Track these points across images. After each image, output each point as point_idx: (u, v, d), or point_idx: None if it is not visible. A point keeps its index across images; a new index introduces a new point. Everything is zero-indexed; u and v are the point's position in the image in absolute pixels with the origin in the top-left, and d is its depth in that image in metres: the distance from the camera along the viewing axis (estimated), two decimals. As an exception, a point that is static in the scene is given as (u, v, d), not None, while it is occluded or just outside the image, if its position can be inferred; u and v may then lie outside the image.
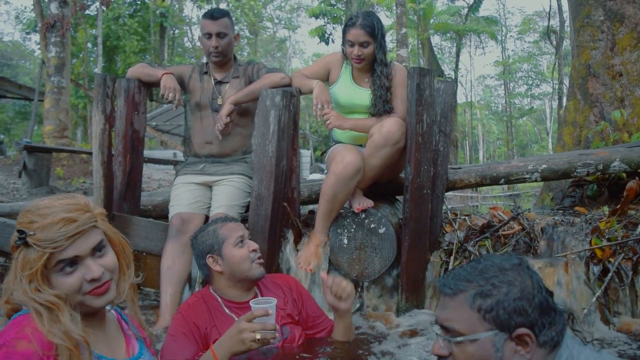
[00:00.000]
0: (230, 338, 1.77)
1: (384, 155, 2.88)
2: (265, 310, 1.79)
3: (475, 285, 1.13)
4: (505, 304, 1.09)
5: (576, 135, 4.31)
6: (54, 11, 10.59)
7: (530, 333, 1.08)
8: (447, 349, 1.15)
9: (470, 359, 1.10)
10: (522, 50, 40.16)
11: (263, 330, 1.75)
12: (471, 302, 1.12)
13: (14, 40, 39.06)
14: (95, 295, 1.32)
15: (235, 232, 2.20)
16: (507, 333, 1.09)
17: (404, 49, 12.67)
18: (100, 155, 3.31)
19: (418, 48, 24.36)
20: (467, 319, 1.11)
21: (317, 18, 22.59)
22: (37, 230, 1.25)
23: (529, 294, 1.10)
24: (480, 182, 3.30)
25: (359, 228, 2.96)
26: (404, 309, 2.92)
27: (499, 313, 1.09)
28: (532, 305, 1.09)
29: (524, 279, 1.12)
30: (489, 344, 1.09)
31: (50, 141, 10.25)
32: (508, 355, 1.08)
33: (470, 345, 1.10)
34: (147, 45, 21.71)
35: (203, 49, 3.24)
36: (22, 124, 29.33)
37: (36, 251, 1.25)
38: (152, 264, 3.27)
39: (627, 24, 4.09)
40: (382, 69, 3.02)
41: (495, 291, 1.11)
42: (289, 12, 38.60)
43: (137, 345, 1.48)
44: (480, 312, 1.10)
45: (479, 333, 1.09)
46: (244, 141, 3.26)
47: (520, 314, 1.08)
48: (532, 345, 1.08)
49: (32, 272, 1.24)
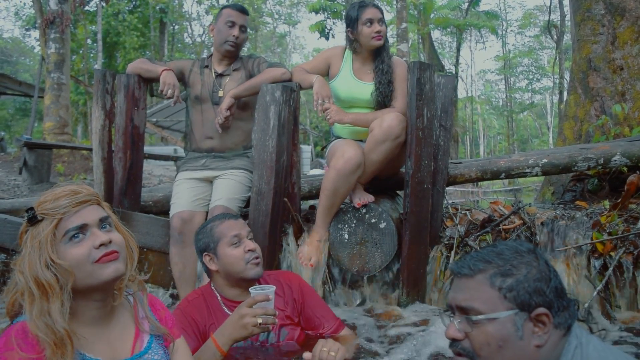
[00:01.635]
0: (232, 324, 1.78)
1: (384, 150, 2.88)
2: (265, 295, 1.80)
3: (495, 266, 1.14)
4: (526, 284, 1.10)
5: (577, 129, 4.30)
6: (53, 7, 10.56)
7: (548, 313, 1.09)
8: (463, 332, 1.14)
9: (490, 340, 1.10)
10: (523, 44, 40.04)
11: (264, 315, 1.76)
12: (492, 281, 1.12)
13: (14, 36, 39.03)
14: (105, 263, 1.32)
15: (231, 231, 2.13)
16: (526, 313, 1.09)
17: (404, 43, 12.63)
18: (100, 151, 3.31)
19: (418, 43, 24.31)
20: (487, 298, 1.11)
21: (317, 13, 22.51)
22: (46, 203, 1.29)
23: (546, 276, 1.12)
24: (481, 176, 3.29)
25: (360, 223, 2.96)
26: (405, 303, 2.92)
27: (520, 292, 1.10)
28: (549, 287, 1.11)
29: (540, 262, 1.14)
30: (509, 323, 1.09)
31: (50, 138, 10.24)
32: (527, 335, 1.09)
33: (490, 324, 1.10)
34: (147, 41, 21.68)
35: (218, 35, 3.19)
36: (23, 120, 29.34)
37: (45, 221, 1.28)
38: (153, 260, 3.28)
39: (627, 18, 4.08)
40: (387, 57, 3.05)
41: (515, 271, 1.12)
42: (289, 7, 38.50)
43: (146, 339, 1.45)
44: (501, 291, 1.11)
45: (500, 312, 1.09)
46: (245, 135, 3.25)
47: (540, 295, 1.10)
48: (549, 326, 1.09)
49: (41, 239, 1.26)
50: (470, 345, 1.13)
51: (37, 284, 1.24)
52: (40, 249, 1.25)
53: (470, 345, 1.13)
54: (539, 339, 1.09)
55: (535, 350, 1.08)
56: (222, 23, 3.19)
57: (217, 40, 3.21)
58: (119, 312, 1.43)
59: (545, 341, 1.09)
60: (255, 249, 2.14)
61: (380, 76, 3.03)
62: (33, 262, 1.24)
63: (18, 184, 7.49)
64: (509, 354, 1.08)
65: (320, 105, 2.94)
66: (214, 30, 3.24)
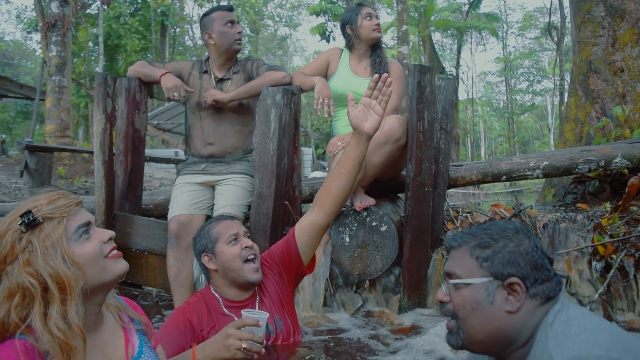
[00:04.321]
0: (216, 343, 1.72)
1: (385, 153, 2.88)
2: (255, 320, 1.74)
3: (478, 238, 1.26)
4: (500, 255, 1.22)
5: (578, 131, 4.30)
6: (54, 10, 10.59)
7: (520, 282, 1.19)
8: (448, 295, 1.27)
9: (465, 302, 1.23)
10: (523, 46, 40.05)
11: (250, 340, 1.69)
12: (471, 251, 1.25)
13: (15, 39, 39.12)
14: (115, 258, 1.33)
15: (229, 230, 2.16)
16: (499, 281, 1.20)
17: (405, 46, 12.64)
18: (101, 154, 3.31)
19: (419, 45, 24.32)
20: (466, 266, 1.25)
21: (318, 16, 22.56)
22: (42, 206, 1.25)
23: (524, 250, 1.22)
24: (481, 179, 3.29)
25: (361, 226, 2.96)
26: (406, 306, 2.92)
27: (494, 262, 1.22)
28: (525, 260, 1.21)
29: (521, 238, 1.24)
30: (482, 289, 1.21)
31: (51, 140, 10.26)
32: (499, 301, 1.20)
33: (466, 289, 1.23)
34: (149, 44, 21.72)
35: (223, 39, 3.15)
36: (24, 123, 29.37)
37: (51, 223, 1.24)
38: (154, 263, 3.28)
39: (628, 20, 4.08)
40: (383, 54, 3.22)
41: (493, 243, 1.24)
42: (290, 9, 38.54)
43: (137, 342, 1.43)
44: (477, 260, 1.24)
45: (475, 278, 1.22)
46: (245, 139, 3.25)
47: (513, 266, 1.20)
48: (521, 295, 1.19)
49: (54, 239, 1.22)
50: (452, 307, 1.26)
51: (58, 282, 1.20)
52: (56, 248, 1.22)
53: (452, 307, 1.26)
54: (510, 306, 1.19)
55: (507, 315, 1.19)
56: (220, 26, 3.15)
57: (224, 44, 3.16)
58: (106, 318, 1.41)
59: (518, 308, 1.19)
60: (252, 246, 2.16)
61: (378, 68, 3.13)
62: (51, 261, 1.21)
63: (19, 187, 7.50)
64: (481, 316, 1.21)
65: (321, 104, 2.96)
66: (215, 36, 3.15)
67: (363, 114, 2.07)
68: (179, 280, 2.97)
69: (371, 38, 3.18)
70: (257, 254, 2.17)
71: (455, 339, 1.27)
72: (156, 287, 3.38)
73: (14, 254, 1.21)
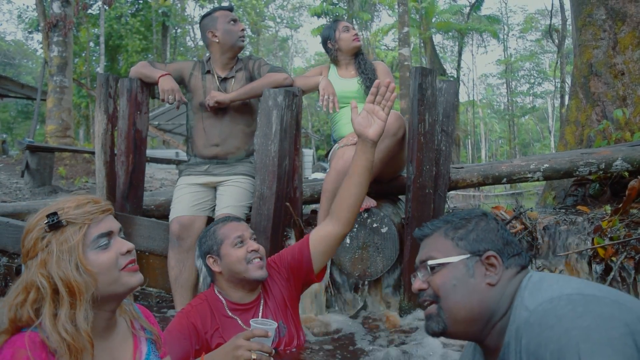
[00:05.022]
0: (225, 353, 1.73)
1: (384, 148, 2.88)
2: (265, 331, 1.75)
3: (450, 222, 1.33)
4: (474, 233, 1.29)
5: (578, 134, 4.31)
6: (56, 10, 10.60)
7: (497, 255, 1.25)
8: (426, 282, 1.31)
9: (446, 280, 1.26)
10: (524, 48, 40.12)
11: (259, 351, 1.70)
12: (446, 233, 1.31)
13: (17, 39, 39.17)
14: (130, 272, 1.34)
15: (234, 232, 2.14)
16: (477, 256, 1.26)
17: (406, 47, 12.66)
18: (102, 155, 3.32)
19: (420, 47, 24.34)
20: (442, 248, 1.30)
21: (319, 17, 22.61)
22: (69, 209, 1.28)
23: (494, 228, 1.30)
24: (482, 181, 3.29)
25: (362, 227, 2.96)
26: (406, 308, 2.92)
27: (470, 240, 1.28)
28: (497, 236, 1.28)
29: (489, 220, 1.33)
30: (461, 265, 1.26)
31: (52, 141, 10.26)
32: (479, 275, 1.24)
33: (445, 268, 1.27)
34: (150, 45, 21.73)
35: (228, 36, 3.18)
36: (25, 123, 29.40)
37: (72, 227, 1.27)
38: (155, 264, 3.29)
39: (629, 23, 4.08)
40: (365, 57, 3.42)
41: (465, 223, 1.31)
42: (291, 11, 38.58)
43: (145, 349, 1.44)
44: (453, 240, 1.29)
45: (453, 256, 1.27)
46: (247, 139, 3.26)
47: (487, 242, 1.27)
48: (499, 267, 1.24)
49: (72, 244, 1.25)
50: (432, 290, 1.28)
51: (69, 287, 1.22)
52: (71, 254, 1.25)
53: (432, 290, 1.28)
54: (490, 278, 1.23)
55: (487, 288, 1.23)
56: (224, 24, 3.19)
57: (228, 41, 3.19)
58: (118, 323, 1.42)
59: (497, 280, 1.23)
60: (258, 249, 2.14)
61: (362, 67, 3.31)
62: (64, 266, 1.23)
63: (20, 187, 7.50)
64: (462, 291, 1.23)
65: (326, 101, 2.98)
66: (219, 34, 3.17)
67: (366, 120, 2.10)
68: (179, 281, 2.98)
69: (352, 47, 3.36)
70: (263, 256, 2.16)
71: (436, 322, 1.28)
72: (157, 288, 3.39)
73: (35, 251, 1.26)
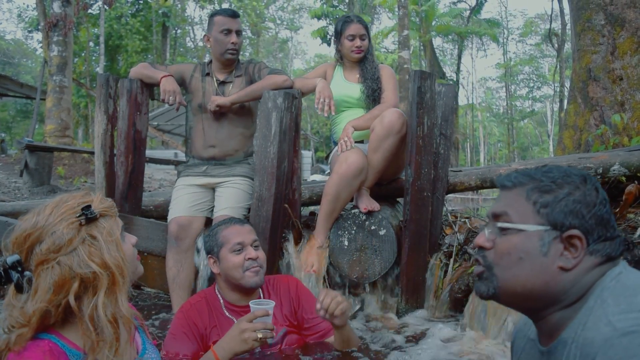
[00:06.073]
0: (232, 338, 1.81)
1: (388, 147, 2.90)
2: (265, 310, 1.85)
3: (537, 181, 1.09)
4: (563, 203, 1.05)
5: (576, 138, 4.32)
6: (56, 10, 10.61)
7: (582, 236, 1.03)
8: (491, 241, 1.11)
9: (512, 250, 1.07)
10: (524, 52, 40.16)
11: (264, 329, 1.80)
12: (528, 194, 1.08)
13: (16, 38, 39.17)
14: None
15: (235, 238, 2.14)
16: (558, 232, 1.04)
17: (406, 50, 12.68)
18: (102, 155, 3.33)
19: (420, 50, 24.37)
20: (520, 210, 1.08)
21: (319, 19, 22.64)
22: (96, 203, 1.32)
23: (590, 201, 1.05)
24: (480, 184, 3.30)
25: (360, 230, 2.97)
26: (404, 310, 2.93)
27: (555, 210, 1.05)
28: (591, 212, 1.04)
29: (589, 187, 1.07)
30: (536, 238, 1.05)
31: (51, 140, 10.26)
32: (553, 254, 1.04)
33: (516, 235, 1.07)
34: (150, 45, 21.75)
35: (217, 46, 3.17)
36: (24, 122, 29.39)
37: (107, 219, 1.32)
38: (154, 264, 3.29)
39: (627, 29, 4.10)
40: (372, 62, 3.31)
41: (556, 189, 1.07)
42: (291, 13, 38.65)
43: (139, 338, 1.47)
44: (535, 205, 1.07)
45: (529, 225, 1.06)
46: (246, 141, 3.27)
47: (577, 217, 1.03)
48: (580, 251, 1.03)
49: (116, 237, 1.31)
50: (493, 254, 1.10)
51: (122, 274, 1.28)
52: (116, 244, 1.30)
53: (493, 254, 1.10)
54: (565, 262, 1.03)
55: (558, 272, 1.03)
56: (217, 32, 3.16)
57: (217, 50, 3.19)
58: None
59: (574, 265, 1.03)
60: (257, 257, 2.13)
61: (366, 74, 3.25)
62: (114, 255, 1.28)
63: (19, 186, 7.50)
64: (528, 267, 1.05)
65: (321, 104, 2.99)
66: (211, 40, 3.20)
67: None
68: (177, 282, 2.98)
69: (351, 58, 3.30)
70: (261, 265, 2.15)
71: (486, 286, 1.11)
72: (155, 288, 3.39)
73: (73, 245, 1.25)
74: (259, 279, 2.13)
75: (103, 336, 1.23)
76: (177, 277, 2.98)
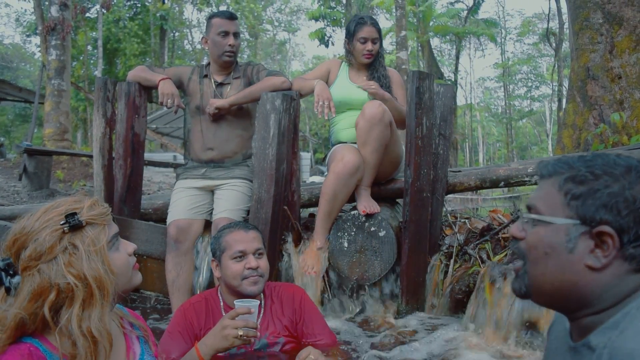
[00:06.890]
0: (214, 335, 1.82)
1: (375, 137, 2.88)
2: (247, 308, 1.84)
3: (574, 170, 1.00)
4: (597, 195, 0.94)
5: (575, 137, 4.32)
6: (54, 14, 10.61)
7: (614, 234, 0.92)
8: (524, 231, 1.05)
9: (539, 243, 1.00)
10: (522, 52, 40.18)
11: (245, 327, 1.80)
12: (561, 184, 1.00)
13: (15, 42, 39.16)
14: (136, 271, 1.38)
15: (237, 245, 2.10)
16: (587, 227, 0.95)
17: (404, 51, 12.68)
18: (101, 158, 3.32)
19: (418, 50, 24.38)
20: (551, 201, 1.01)
21: (317, 21, 22.64)
22: (83, 210, 1.25)
23: (630, 196, 0.92)
24: (480, 185, 3.30)
25: (359, 231, 2.96)
26: (404, 312, 2.93)
27: (586, 203, 0.95)
28: (630, 209, 0.92)
29: (633, 180, 0.94)
30: (562, 232, 0.97)
31: (50, 144, 10.25)
32: (581, 250, 0.95)
33: (544, 228, 1.00)
34: (148, 48, 21.73)
35: (214, 48, 3.18)
36: (23, 126, 29.37)
37: (93, 228, 1.25)
38: (153, 267, 3.28)
39: (625, 27, 4.10)
40: (382, 66, 3.26)
41: (592, 179, 0.96)
42: (289, 14, 38.67)
43: (138, 349, 1.44)
44: (566, 197, 0.98)
45: (557, 217, 0.99)
46: (245, 143, 3.26)
47: (611, 212, 0.93)
48: (611, 251, 0.93)
49: (100, 246, 1.24)
50: (525, 245, 1.04)
51: (100, 287, 1.21)
52: (98, 255, 1.23)
53: (525, 245, 1.04)
54: (594, 260, 0.94)
55: (586, 271, 0.95)
56: (214, 34, 3.16)
57: (214, 53, 3.19)
58: (109, 325, 1.42)
59: (603, 265, 0.94)
60: (258, 267, 2.08)
61: (375, 79, 3.19)
62: (94, 266, 1.22)
63: (18, 190, 7.49)
64: (554, 263, 0.98)
65: (320, 107, 2.96)
66: (208, 43, 3.21)
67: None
68: (177, 285, 2.98)
69: (360, 61, 3.25)
70: (262, 274, 2.10)
71: (519, 284, 1.05)
72: (154, 292, 3.38)
73: (53, 253, 1.20)
74: (258, 288, 2.09)
75: (77, 349, 1.18)
76: (176, 280, 2.98)
